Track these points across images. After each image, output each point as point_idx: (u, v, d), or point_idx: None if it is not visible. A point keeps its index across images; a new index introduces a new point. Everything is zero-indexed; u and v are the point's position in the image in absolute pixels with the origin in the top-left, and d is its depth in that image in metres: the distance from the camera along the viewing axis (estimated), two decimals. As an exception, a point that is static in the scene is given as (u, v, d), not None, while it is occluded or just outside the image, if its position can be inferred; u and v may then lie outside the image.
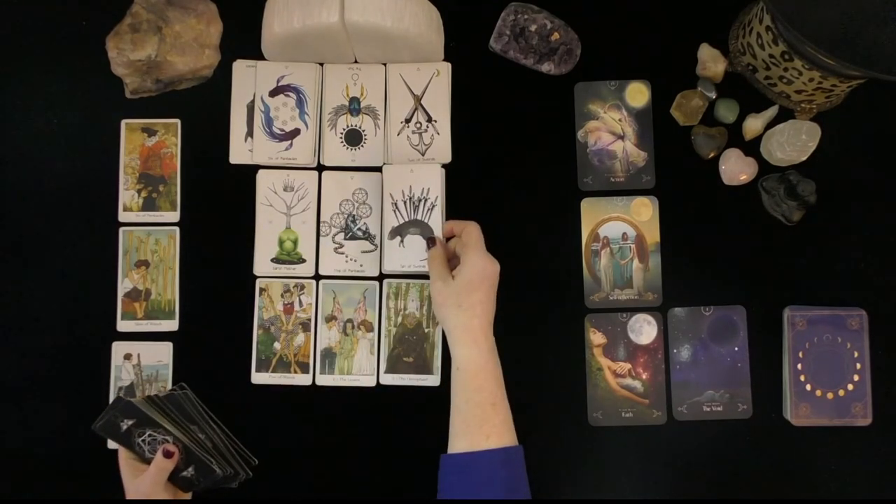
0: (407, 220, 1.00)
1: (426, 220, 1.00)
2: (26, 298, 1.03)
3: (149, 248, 1.03)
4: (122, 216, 1.04)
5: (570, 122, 1.05)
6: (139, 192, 1.04)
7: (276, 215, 1.03)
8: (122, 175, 1.04)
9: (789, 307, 1.01)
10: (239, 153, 1.04)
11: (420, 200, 1.00)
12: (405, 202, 1.01)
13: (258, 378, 1.02)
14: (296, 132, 1.04)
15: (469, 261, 0.90)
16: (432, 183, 1.00)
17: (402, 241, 1.00)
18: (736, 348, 1.01)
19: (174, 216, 1.04)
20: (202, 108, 1.05)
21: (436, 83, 1.05)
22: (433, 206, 1.00)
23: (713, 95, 1.03)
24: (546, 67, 1.04)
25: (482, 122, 1.05)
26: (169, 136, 1.05)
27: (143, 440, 0.93)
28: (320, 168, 1.04)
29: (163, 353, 1.02)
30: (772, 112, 1.03)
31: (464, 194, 1.03)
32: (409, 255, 1.00)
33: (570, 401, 1.01)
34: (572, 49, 1.04)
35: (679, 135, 1.04)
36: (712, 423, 1.01)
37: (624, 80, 1.05)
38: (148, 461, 0.93)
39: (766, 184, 1.02)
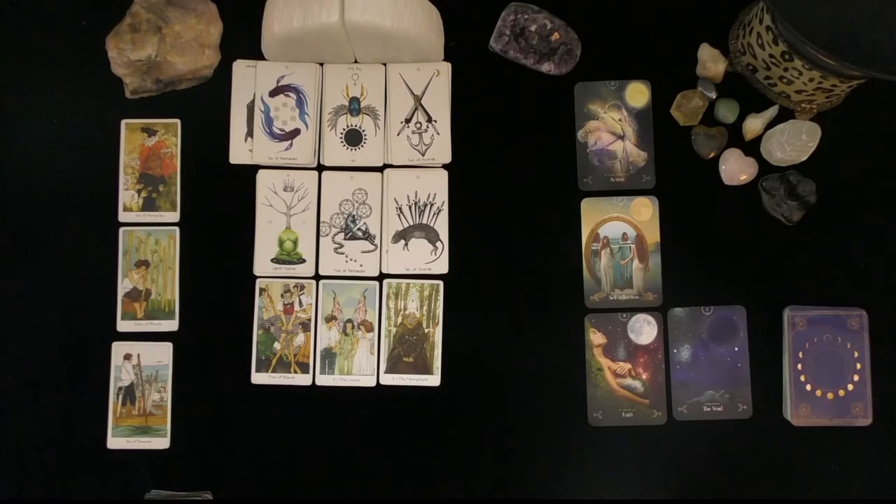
0: (412, 224, 1.01)
1: (432, 225, 1.00)
2: (26, 298, 1.03)
3: (149, 248, 1.03)
4: (122, 216, 1.04)
5: (570, 122, 1.05)
6: (139, 192, 1.04)
7: (276, 215, 1.03)
8: (122, 175, 1.04)
9: (789, 307, 1.01)
10: (239, 153, 1.04)
11: (426, 205, 1.01)
12: (410, 207, 1.01)
13: (258, 378, 1.02)
14: (296, 132, 1.04)
15: None
16: (439, 188, 1.00)
17: (406, 245, 1.01)
18: (736, 348, 1.01)
19: (174, 216, 1.04)
20: (202, 108, 1.05)
21: (436, 83, 1.05)
22: (439, 211, 1.01)
23: (713, 95, 1.03)
24: (546, 67, 1.04)
25: (482, 122, 1.05)
26: (169, 136, 1.05)
27: None
28: (320, 168, 1.04)
29: (163, 353, 1.02)
30: (772, 112, 1.03)
31: (464, 194, 1.03)
32: (414, 258, 1.01)
33: (570, 401, 1.01)
34: (572, 49, 1.04)
35: (679, 135, 1.04)
36: (712, 423, 1.01)
37: (624, 80, 1.05)
38: None
39: (767, 184, 1.02)
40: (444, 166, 1.04)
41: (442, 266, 1.02)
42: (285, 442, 1.01)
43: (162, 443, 1.01)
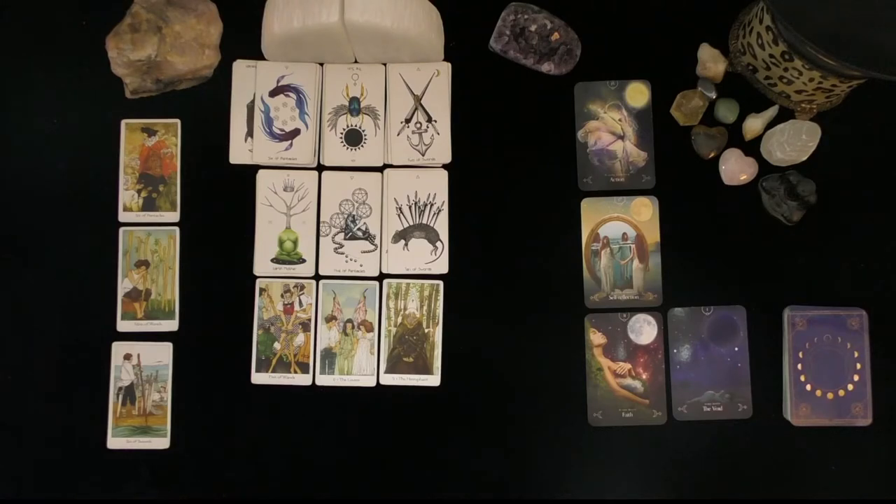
0: (412, 224, 1.01)
1: (432, 225, 1.01)
2: (26, 298, 1.03)
3: (149, 248, 1.03)
4: (122, 216, 1.04)
5: (570, 122, 1.05)
6: (139, 192, 1.04)
7: (276, 215, 1.03)
8: (122, 175, 1.04)
9: (789, 307, 1.01)
10: (239, 153, 1.04)
11: (426, 205, 1.01)
12: (410, 207, 1.01)
13: (258, 378, 1.02)
14: (296, 132, 1.04)
15: None
16: (439, 188, 1.00)
17: (406, 245, 1.01)
18: (736, 348, 1.01)
19: (174, 216, 1.04)
20: (202, 108, 1.05)
21: (436, 83, 1.05)
22: (439, 211, 1.01)
23: (713, 95, 1.03)
24: (546, 67, 1.04)
25: (482, 122, 1.05)
26: (169, 136, 1.05)
27: None
28: (320, 168, 1.04)
29: (163, 353, 1.02)
30: (772, 112, 1.03)
31: (464, 194, 1.03)
32: (414, 258, 1.01)
33: (570, 401, 1.01)
34: (572, 49, 1.04)
35: (679, 135, 1.04)
36: (712, 423, 1.01)
37: (624, 80, 1.05)
38: None
39: (767, 184, 1.02)
40: (444, 166, 1.04)
41: (442, 266, 1.02)
42: (285, 442, 1.01)
43: (162, 443, 1.01)
